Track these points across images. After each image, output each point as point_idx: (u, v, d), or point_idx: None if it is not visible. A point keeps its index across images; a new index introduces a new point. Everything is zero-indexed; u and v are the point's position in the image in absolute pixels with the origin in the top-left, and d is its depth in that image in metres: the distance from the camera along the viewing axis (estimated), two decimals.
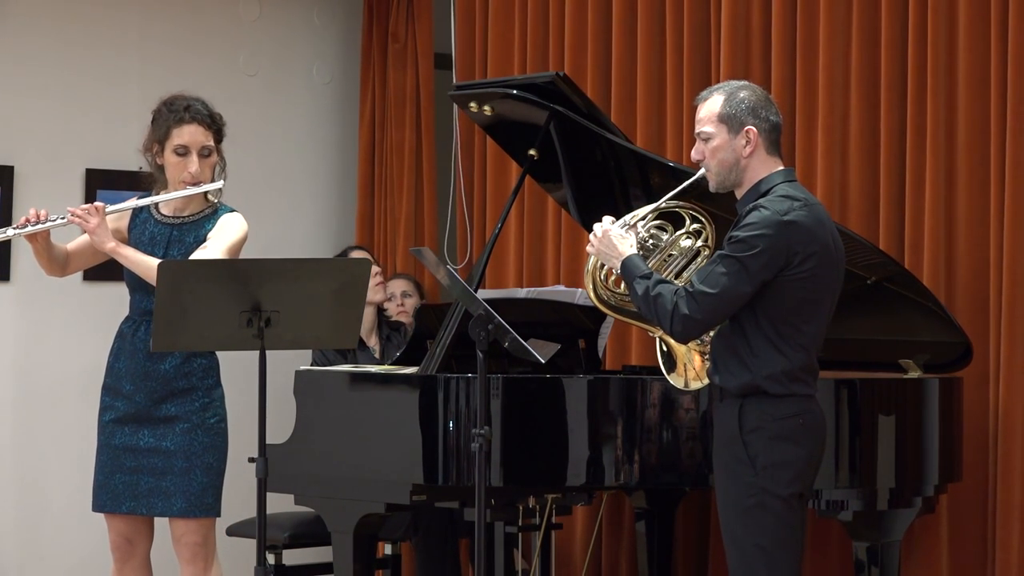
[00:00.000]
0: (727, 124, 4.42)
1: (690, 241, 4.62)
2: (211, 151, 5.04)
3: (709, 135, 4.45)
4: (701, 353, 4.55)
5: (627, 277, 4.48)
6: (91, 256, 5.15)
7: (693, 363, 4.56)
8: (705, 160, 4.48)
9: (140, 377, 5.00)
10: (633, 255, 4.49)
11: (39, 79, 6.81)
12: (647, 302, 4.40)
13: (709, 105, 4.46)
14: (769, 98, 4.48)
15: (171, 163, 5.02)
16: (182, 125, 5.01)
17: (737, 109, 4.42)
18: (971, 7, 5.64)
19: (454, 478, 5.11)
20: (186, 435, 4.98)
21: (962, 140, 5.67)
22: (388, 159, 7.48)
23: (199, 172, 4.99)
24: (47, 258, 5.05)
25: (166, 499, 4.97)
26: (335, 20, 7.67)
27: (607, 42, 6.70)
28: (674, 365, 4.59)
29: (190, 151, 5.00)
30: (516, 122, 5.67)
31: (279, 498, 5.39)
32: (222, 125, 5.10)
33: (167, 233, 5.03)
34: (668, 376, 4.61)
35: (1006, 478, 5.53)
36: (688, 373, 4.58)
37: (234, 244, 4.98)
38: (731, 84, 4.51)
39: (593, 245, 4.56)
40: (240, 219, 5.05)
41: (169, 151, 5.01)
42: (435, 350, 5.29)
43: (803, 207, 4.36)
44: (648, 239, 4.61)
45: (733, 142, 4.43)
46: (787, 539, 4.38)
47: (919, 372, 5.45)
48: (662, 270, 4.58)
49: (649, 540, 6.23)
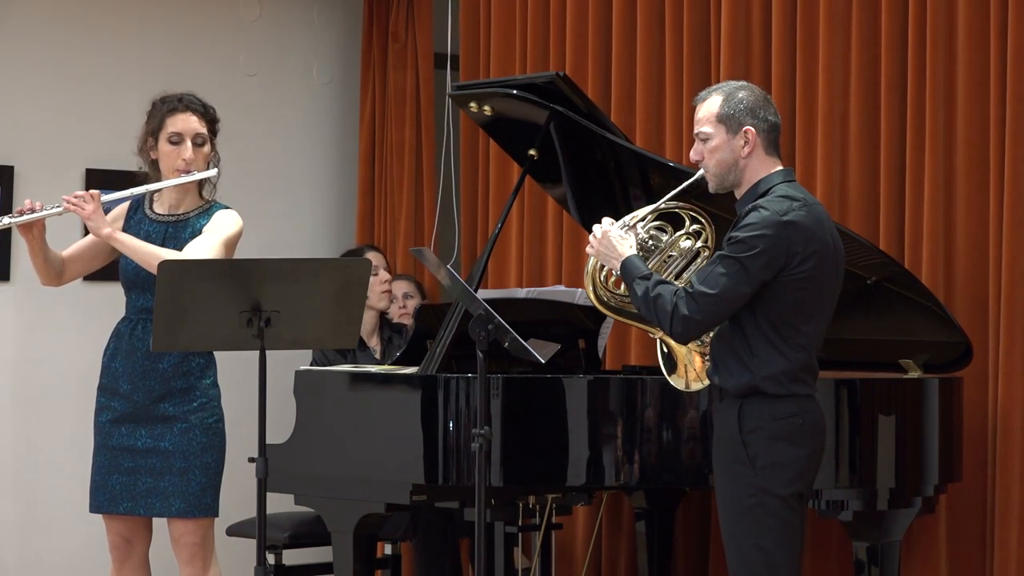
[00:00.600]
0: (725, 124, 4.42)
1: (690, 242, 4.62)
2: (205, 140, 5.05)
3: (707, 135, 4.45)
4: (701, 354, 4.55)
5: (627, 278, 4.49)
6: (88, 261, 5.14)
7: (694, 364, 4.56)
8: (704, 160, 4.48)
9: (139, 376, 4.99)
10: (633, 256, 4.49)
11: (39, 80, 6.81)
12: (647, 303, 4.40)
13: (707, 105, 4.46)
14: (768, 98, 4.48)
15: (165, 152, 5.02)
16: (175, 114, 5.03)
17: (735, 109, 4.42)
18: (970, 7, 5.64)
19: (454, 478, 5.11)
20: (184, 435, 4.97)
21: (961, 140, 5.67)
22: (388, 159, 7.49)
23: (192, 159, 5.00)
24: (43, 259, 5.03)
25: (164, 499, 4.97)
26: (335, 20, 7.67)
27: (607, 42, 6.70)
28: (675, 367, 4.59)
29: (184, 138, 5.01)
30: (516, 122, 5.67)
31: (279, 498, 5.40)
32: (216, 117, 5.11)
33: (162, 231, 5.03)
34: (669, 378, 4.61)
35: (1005, 478, 5.53)
36: (689, 374, 4.59)
37: (229, 238, 4.98)
38: (729, 84, 4.51)
39: (593, 246, 4.56)
40: (235, 215, 5.06)
41: (163, 140, 5.02)
42: (435, 350, 5.29)
43: (802, 207, 4.36)
44: (648, 240, 4.61)
45: (731, 142, 4.43)
46: (787, 539, 4.38)
47: (919, 372, 5.45)
48: (662, 271, 4.58)
49: (649, 540, 6.23)
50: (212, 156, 5.08)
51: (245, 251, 5.08)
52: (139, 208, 5.11)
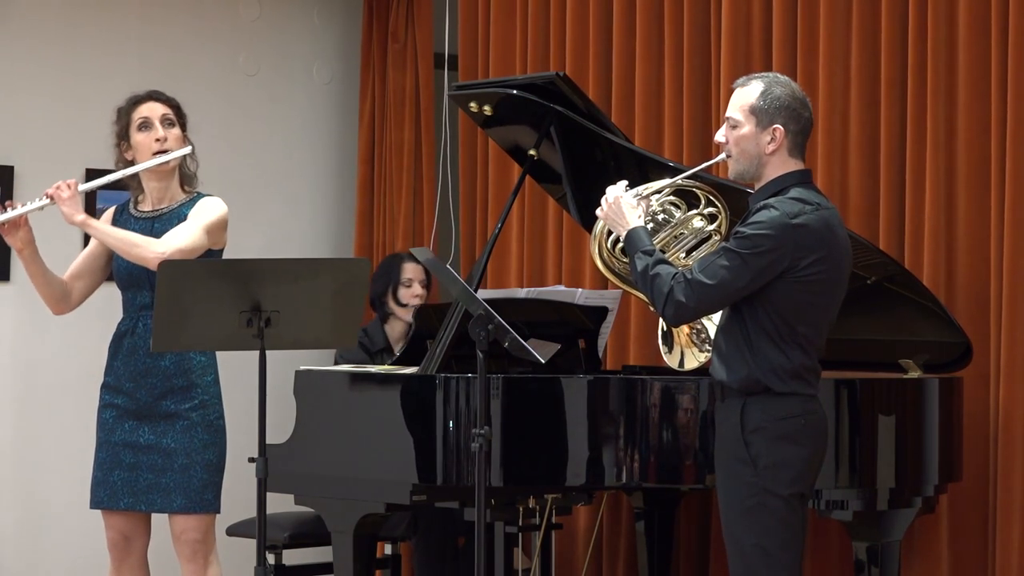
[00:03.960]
0: (757, 117, 4.40)
1: (703, 223, 4.61)
2: (174, 122, 5.06)
3: (737, 122, 4.43)
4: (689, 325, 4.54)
5: (630, 248, 4.48)
6: (91, 276, 5.13)
7: (681, 333, 4.55)
8: (728, 145, 4.46)
9: (141, 374, 5.00)
10: (640, 227, 4.48)
11: (39, 79, 6.81)
12: (644, 279, 4.41)
13: (744, 94, 4.43)
14: (805, 100, 4.44)
15: (138, 142, 5.04)
16: (139, 104, 5.07)
17: (770, 105, 4.39)
18: (971, 6, 5.63)
19: (454, 478, 5.11)
20: (186, 433, 4.98)
21: (962, 139, 5.66)
22: (387, 159, 7.48)
23: (165, 137, 5.02)
24: (42, 279, 5.04)
25: (165, 496, 4.97)
26: (335, 20, 7.67)
27: (607, 42, 6.70)
28: (672, 345, 4.59)
29: (152, 121, 5.03)
30: (516, 122, 5.67)
31: (279, 498, 5.39)
32: (180, 105, 5.12)
33: (148, 227, 5.03)
34: (665, 357, 4.60)
35: (1006, 478, 5.53)
36: (681, 342, 4.57)
37: (211, 224, 4.99)
38: (771, 77, 4.47)
39: (603, 209, 4.56)
40: (218, 201, 5.07)
41: (133, 132, 5.05)
42: (435, 350, 5.29)
43: (814, 211, 4.35)
44: (660, 212, 4.60)
45: (759, 136, 4.41)
46: (788, 539, 4.38)
47: (919, 372, 5.45)
48: (671, 247, 4.57)
49: (649, 540, 6.22)
50: (184, 140, 5.07)
51: (244, 251, 5.08)
52: (124, 210, 5.13)
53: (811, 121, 4.46)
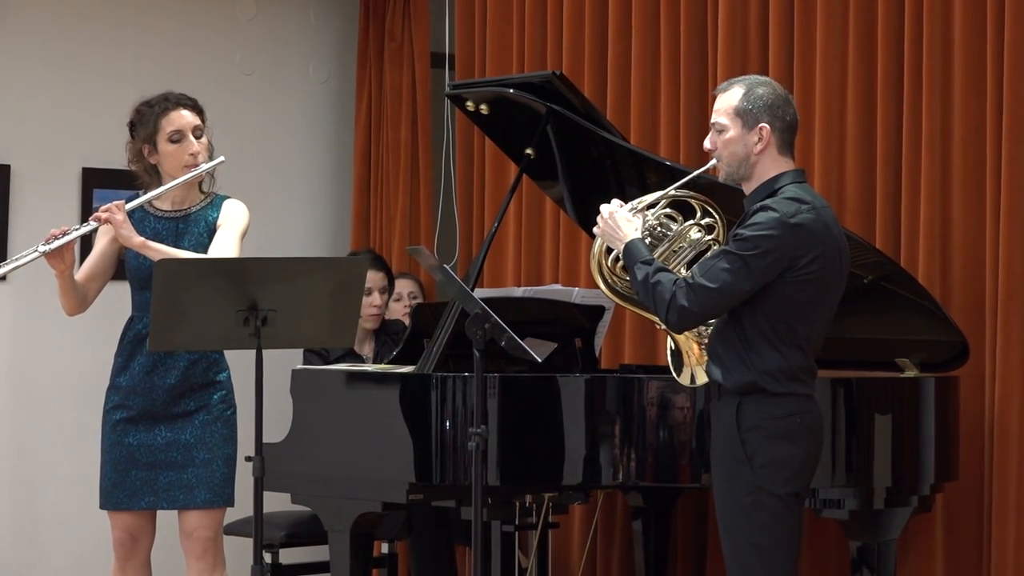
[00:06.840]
0: (742, 118, 4.42)
1: (700, 234, 4.61)
2: (203, 131, 5.05)
3: (723, 127, 4.45)
4: (698, 343, 4.54)
5: (628, 261, 4.49)
6: (102, 276, 5.10)
7: (692, 351, 4.55)
8: (716, 151, 4.48)
9: (160, 374, 4.99)
10: (637, 239, 4.49)
11: (36, 78, 6.81)
12: (645, 288, 4.41)
13: (727, 97, 4.46)
14: (788, 97, 4.47)
15: (168, 152, 5.01)
16: (169, 112, 5.02)
17: (754, 105, 4.42)
18: (967, 7, 5.64)
19: (451, 477, 5.11)
20: (205, 427, 4.99)
21: (958, 139, 5.67)
22: (384, 158, 7.48)
23: (199, 151, 5.01)
24: (72, 291, 4.99)
25: (188, 491, 4.98)
26: (331, 19, 7.67)
27: (603, 41, 6.70)
28: (683, 365, 4.59)
29: (185, 134, 5.01)
30: (513, 121, 5.67)
31: (276, 497, 5.39)
32: (202, 107, 5.11)
33: (173, 227, 5.03)
34: (677, 377, 4.60)
35: (1002, 477, 5.53)
36: (691, 360, 4.56)
37: (244, 230, 5.04)
38: (751, 79, 4.51)
39: (599, 226, 4.56)
40: (242, 205, 5.10)
41: (163, 142, 5.01)
42: (432, 349, 5.29)
43: (811, 210, 4.36)
44: (657, 227, 4.61)
45: (746, 137, 4.43)
46: (784, 538, 4.38)
47: (915, 371, 5.45)
48: (671, 261, 4.58)
49: (646, 539, 6.23)
50: (210, 147, 5.09)
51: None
52: (136, 208, 5.09)
53: (796, 118, 4.48)
